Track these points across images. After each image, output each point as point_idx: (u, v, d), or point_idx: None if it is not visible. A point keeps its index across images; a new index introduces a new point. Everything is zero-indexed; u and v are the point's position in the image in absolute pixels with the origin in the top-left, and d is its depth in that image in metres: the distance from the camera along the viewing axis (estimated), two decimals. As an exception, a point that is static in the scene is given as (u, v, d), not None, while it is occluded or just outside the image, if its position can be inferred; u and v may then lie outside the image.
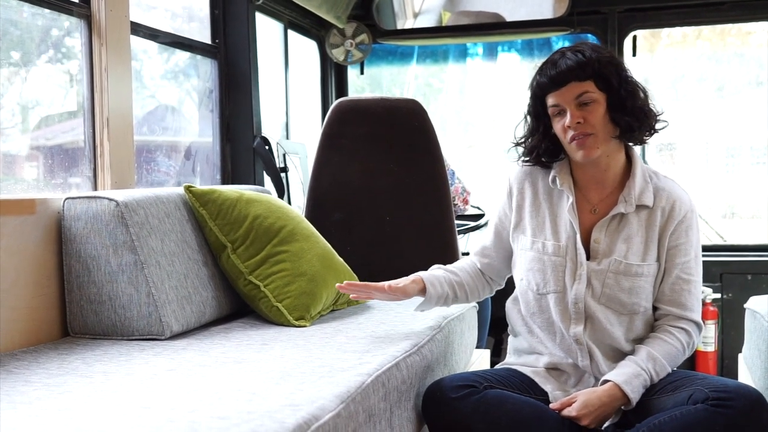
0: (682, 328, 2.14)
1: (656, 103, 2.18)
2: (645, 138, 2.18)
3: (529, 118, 2.22)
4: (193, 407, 1.53)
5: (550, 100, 2.12)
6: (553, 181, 2.22)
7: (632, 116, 2.11)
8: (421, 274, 2.33)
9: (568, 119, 2.08)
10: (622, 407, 2.06)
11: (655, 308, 2.20)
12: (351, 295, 2.29)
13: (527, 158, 2.26)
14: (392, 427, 1.91)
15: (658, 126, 2.18)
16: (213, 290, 2.45)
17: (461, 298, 2.38)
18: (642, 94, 2.14)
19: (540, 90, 2.14)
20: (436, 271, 2.37)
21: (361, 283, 2.27)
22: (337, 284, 2.27)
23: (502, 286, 2.46)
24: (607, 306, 2.15)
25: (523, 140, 2.25)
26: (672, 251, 2.16)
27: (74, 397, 1.63)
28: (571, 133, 2.09)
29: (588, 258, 2.16)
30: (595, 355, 2.15)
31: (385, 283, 2.25)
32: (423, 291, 2.29)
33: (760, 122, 4.87)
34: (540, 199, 2.25)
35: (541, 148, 2.21)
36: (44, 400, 1.61)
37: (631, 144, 2.21)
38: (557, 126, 2.13)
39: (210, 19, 3.56)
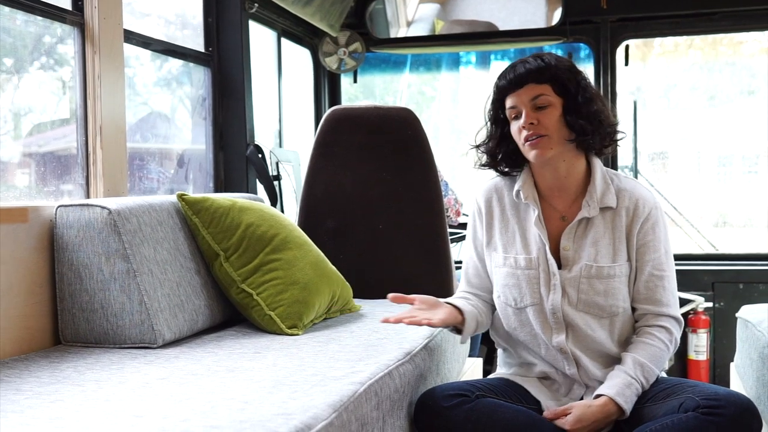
0: (662, 326, 2.15)
1: (616, 113, 2.24)
2: (604, 148, 2.20)
3: (489, 124, 2.25)
4: (185, 416, 1.53)
5: (508, 102, 2.16)
6: (518, 195, 2.23)
7: (586, 120, 2.13)
8: (448, 300, 2.25)
9: (522, 120, 2.12)
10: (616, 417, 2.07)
11: (633, 309, 2.20)
12: (405, 320, 2.12)
13: (486, 164, 2.28)
14: (385, 436, 1.91)
15: (617, 136, 2.22)
16: (205, 298, 2.45)
17: (483, 323, 2.31)
18: (600, 104, 2.17)
19: (498, 92, 2.19)
20: (453, 300, 2.28)
21: (403, 296, 2.16)
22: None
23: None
24: (585, 312, 2.15)
25: (482, 144, 2.27)
26: (641, 249, 2.17)
27: (66, 405, 1.62)
28: (525, 134, 2.12)
29: (560, 267, 2.17)
30: (582, 361, 2.16)
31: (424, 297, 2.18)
32: (460, 321, 2.22)
33: (751, 131, 4.90)
34: (508, 215, 2.26)
35: (500, 152, 2.24)
36: (36, 408, 1.61)
37: (592, 153, 2.22)
38: (514, 128, 2.16)
39: (203, 27, 3.57)
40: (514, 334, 2.25)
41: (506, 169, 2.27)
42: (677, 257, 2.32)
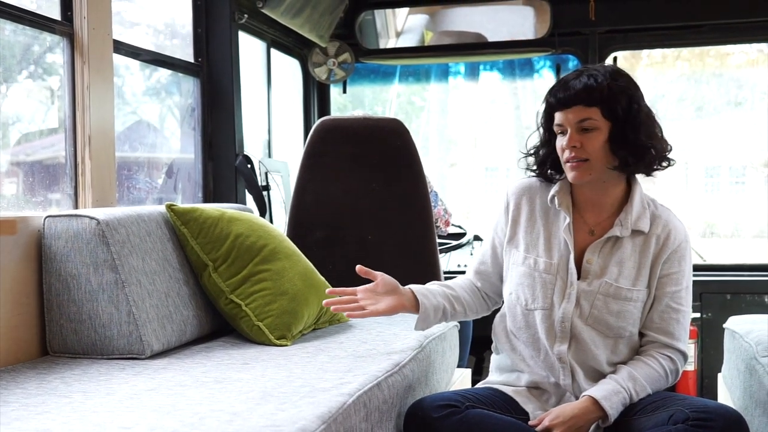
0: (667, 356, 2.15)
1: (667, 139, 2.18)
2: (652, 171, 2.17)
3: (541, 129, 2.24)
4: (173, 428, 1.52)
5: (556, 118, 2.14)
6: (552, 200, 2.23)
7: (631, 150, 2.10)
8: (411, 286, 2.29)
9: (566, 141, 2.10)
10: (600, 423, 2.07)
11: (642, 335, 2.20)
12: (345, 314, 2.24)
13: (537, 168, 2.27)
14: (373, 448, 1.91)
15: (665, 163, 2.18)
16: (194, 309, 2.44)
17: (459, 312, 2.33)
18: (651, 128, 2.14)
19: (549, 107, 2.17)
20: (429, 285, 2.34)
21: (341, 289, 2.25)
22: (324, 302, 2.24)
23: (499, 305, 2.40)
24: (593, 327, 2.15)
25: (534, 150, 2.26)
26: (663, 280, 2.17)
27: (53, 417, 1.62)
28: (566, 155, 2.11)
29: (579, 278, 2.17)
30: (577, 374, 2.16)
31: (370, 285, 2.24)
32: (415, 302, 2.25)
33: (739, 142, 4.93)
34: (536, 216, 2.26)
35: (549, 159, 2.22)
36: (22, 420, 1.60)
37: (634, 176, 2.20)
38: (558, 144, 2.15)
39: (193, 38, 3.57)
40: (517, 334, 2.25)
41: (552, 174, 2.25)
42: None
